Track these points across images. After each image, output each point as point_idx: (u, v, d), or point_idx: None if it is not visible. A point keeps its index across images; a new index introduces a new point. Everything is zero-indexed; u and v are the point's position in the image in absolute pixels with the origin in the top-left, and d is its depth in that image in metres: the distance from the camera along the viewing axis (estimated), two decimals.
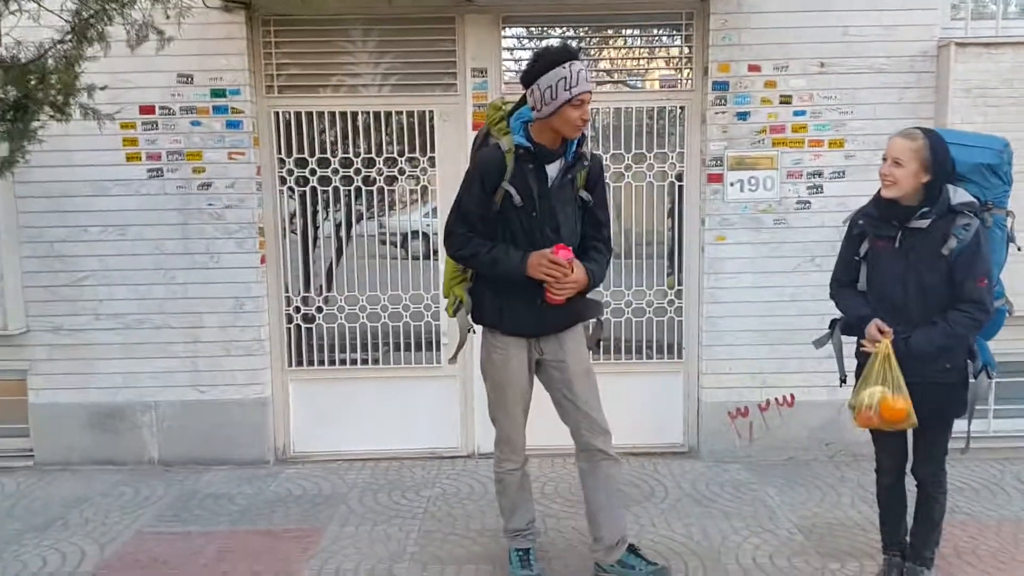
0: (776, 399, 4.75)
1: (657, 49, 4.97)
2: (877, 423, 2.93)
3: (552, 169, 3.03)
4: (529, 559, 3.35)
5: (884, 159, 2.97)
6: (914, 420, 2.88)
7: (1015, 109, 4.38)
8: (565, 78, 2.84)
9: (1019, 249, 3.15)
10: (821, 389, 4.65)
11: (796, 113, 4.61)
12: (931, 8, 4.55)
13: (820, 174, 4.64)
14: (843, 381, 3.28)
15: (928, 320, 2.92)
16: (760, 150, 4.63)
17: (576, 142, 3.03)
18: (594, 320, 3.30)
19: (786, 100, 4.61)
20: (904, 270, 2.95)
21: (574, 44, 4.62)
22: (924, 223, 2.90)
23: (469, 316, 3.18)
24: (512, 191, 2.97)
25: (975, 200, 2.92)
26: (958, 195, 2.91)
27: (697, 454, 4.84)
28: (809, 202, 4.65)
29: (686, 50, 4.75)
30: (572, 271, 2.98)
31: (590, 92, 2.92)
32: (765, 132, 4.62)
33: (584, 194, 3.11)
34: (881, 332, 2.93)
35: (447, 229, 3.12)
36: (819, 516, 3.98)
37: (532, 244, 3.01)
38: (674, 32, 4.80)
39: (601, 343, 3.36)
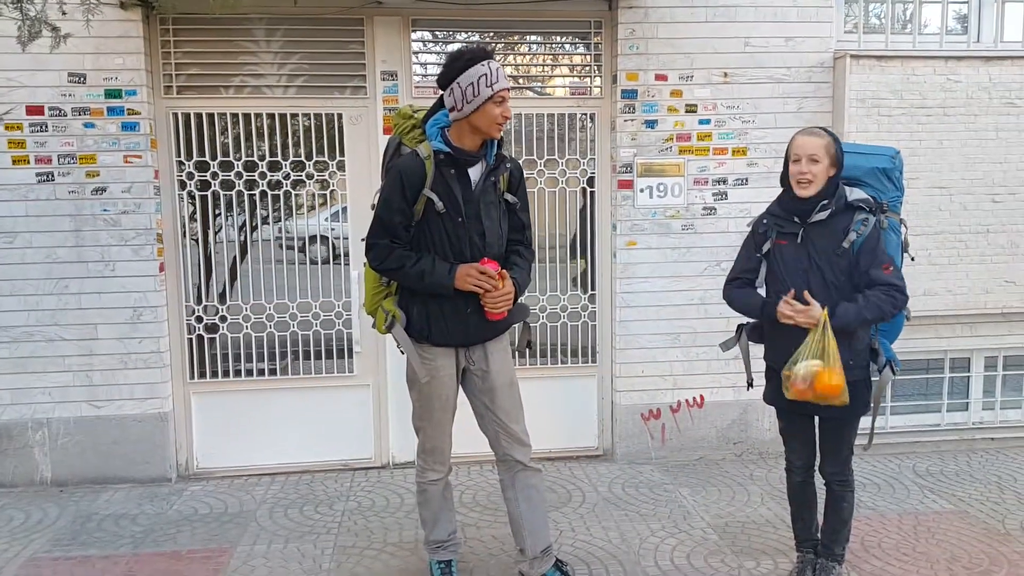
0: (686, 400, 4.85)
1: (567, 56, 5.01)
2: (810, 396, 2.91)
3: (474, 173, 3.00)
4: (451, 571, 3.31)
5: (796, 160, 3.01)
6: (846, 398, 2.90)
7: (905, 118, 4.63)
8: (486, 75, 2.84)
9: (912, 259, 3.32)
10: (728, 390, 4.80)
11: (701, 122, 4.73)
12: (827, 21, 4.73)
13: (724, 181, 4.77)
14: (750, 384, 3.38)
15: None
16: (668, 157, 4.72)
17: (496, 144, 3.02)
18: (522, 323, 3.29)
19: (691, 109, 4.72)
20: (807, 266, 3.04)
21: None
22: (824, 215, 3.01)
23: (405, 331, 3.04)
24: (435, 198, 2.92)
25: (871, 198, 3.06)
26: (854, 193, 3.05)
27: (612, 456, 4.89)
28: (715, 208, 4.77)
29: (595, 58, 4.81)
30: (502, 281, 2.96)
31: (509, 90, 2.93)
32: (672, 140, 4.71)
33: (509, 196, 3.10)
34: (807, 304, 2.94)
35: (368, 242, 3.03)
36: (732, 515, 4.09)
37: (458, 251, 2.97)
38: (582, 40, 4.85)
39: (530, 346, 3.36)
